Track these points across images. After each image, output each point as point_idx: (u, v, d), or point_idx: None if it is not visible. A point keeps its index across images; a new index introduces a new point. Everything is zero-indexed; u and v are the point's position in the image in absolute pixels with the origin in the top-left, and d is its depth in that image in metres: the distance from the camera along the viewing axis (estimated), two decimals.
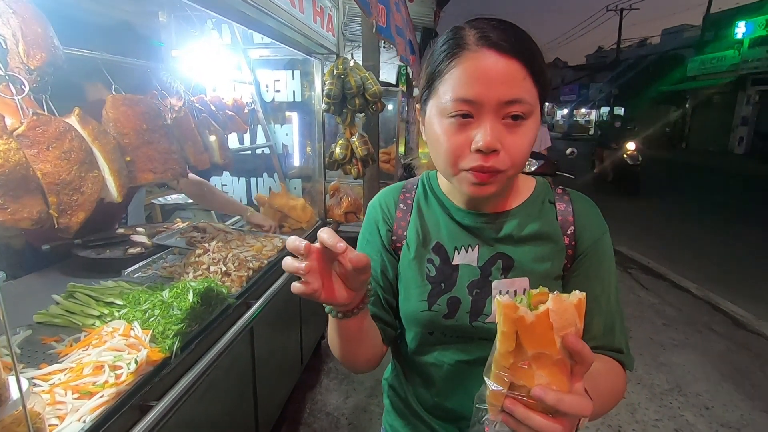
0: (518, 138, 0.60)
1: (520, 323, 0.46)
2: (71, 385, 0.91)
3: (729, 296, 3.79)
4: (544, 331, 0.46)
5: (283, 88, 2.76)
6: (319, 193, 2.70)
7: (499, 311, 0.48)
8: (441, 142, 0.63)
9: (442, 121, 0.63)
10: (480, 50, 0.59)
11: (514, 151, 0.60)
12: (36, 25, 1.05)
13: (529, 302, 0.49)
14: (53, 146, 1.03)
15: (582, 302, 0.48)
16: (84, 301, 1.27)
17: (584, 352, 0.46)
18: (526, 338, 0.46)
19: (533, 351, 0.47)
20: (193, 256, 1.64)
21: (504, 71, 0.58)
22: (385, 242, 0.78)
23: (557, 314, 0.46)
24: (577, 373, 0.48)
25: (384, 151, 5.10)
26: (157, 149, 1.40)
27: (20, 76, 1.02)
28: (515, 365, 0.47)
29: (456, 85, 0.60)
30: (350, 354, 0.71)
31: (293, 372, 2.24)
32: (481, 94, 0.59)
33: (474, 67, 0.59)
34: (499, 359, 0.48)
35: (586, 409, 0.46)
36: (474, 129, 0.60)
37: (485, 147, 0.58)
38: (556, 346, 0.46)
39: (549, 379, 0.47)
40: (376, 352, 0.75)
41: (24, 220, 0.95)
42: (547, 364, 0.47)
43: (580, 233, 0.71)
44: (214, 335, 1.32)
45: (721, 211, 7.24)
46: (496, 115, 0.59)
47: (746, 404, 2.43)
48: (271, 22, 1.67)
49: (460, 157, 0.62)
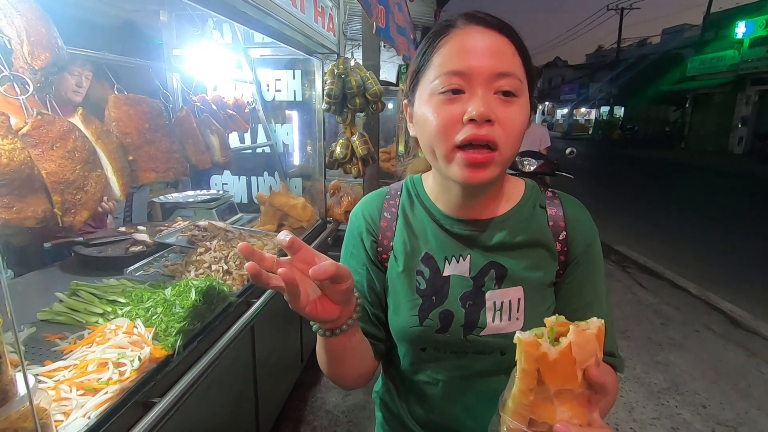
0: (511, 113, 0.58)
1: (543, 360, 0.44)
2: (76, 381, 0.92)
3: (727, 296, 3.81)
4: (568, 366, 0.44)
5: (283, 87, 2.77)
6: (319, 192, 2.72)
7: (520, 349, 0.46)
8: (431, 120, 0.59)
9: (432, 100, 0.60)
10: (468, 26, 0.60)
11: (507, 124, 0.58)
12: (40, 25, 1.06)
13: (552, 337, 0.47)
14: (57, 146, 1.04)
15: (602, 330, 0.46)
16: (87, 299, 1.28)
17: (607, 383, 0.46)
18: (549, 375, 0.45)
19: (556, 387, 0.45)
20: (194, 254, 1.65)
21: (494, 44, 0.58)
22: (371, 254, 0.74)
23: (579, 347, 0.44)
24: (595, 402, 0.47)
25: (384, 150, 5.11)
26: (159, 148, 1.42)
27: (24, 76, 1.03)
28: (536, 402, 0.46)
29: (445, 61, 0.59)
30: (339, 371, 0.68)
31: (293, 370, 2.26)
32: (471, 66, 0.57)
33: (463, 41, 0.59)
34: (519, 397, 0.46)
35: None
36: (466, 102, 0.57)
37: (479, 116, 0.55)
38: (578, 379, 0.45)
39: (570, 413, 0.46)
40: (368, 368, 0.71)
41: (29, 218, 0.96)
42: (568, 398, 0.46)
43: (572, 239, 0.69)
44: (216, 333, 1.33)
45: (720, 211, 7.25)
46: (488, 88, 0.57)
47: (742, 403, 2.44)
48: (272, 21, 1.68)
49: (452, 132, 0.58)
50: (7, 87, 1.00)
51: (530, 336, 0.46)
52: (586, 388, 0.46)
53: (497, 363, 0.67)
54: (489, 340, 0.67)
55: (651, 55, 23.72)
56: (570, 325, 0.46)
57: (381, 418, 0.84)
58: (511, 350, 0.66)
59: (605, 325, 0.48)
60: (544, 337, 0.46)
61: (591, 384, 0.45)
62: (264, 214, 2.41)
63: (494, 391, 0.68)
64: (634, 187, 9.79)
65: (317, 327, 0.60)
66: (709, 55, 17.21)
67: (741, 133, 15.96)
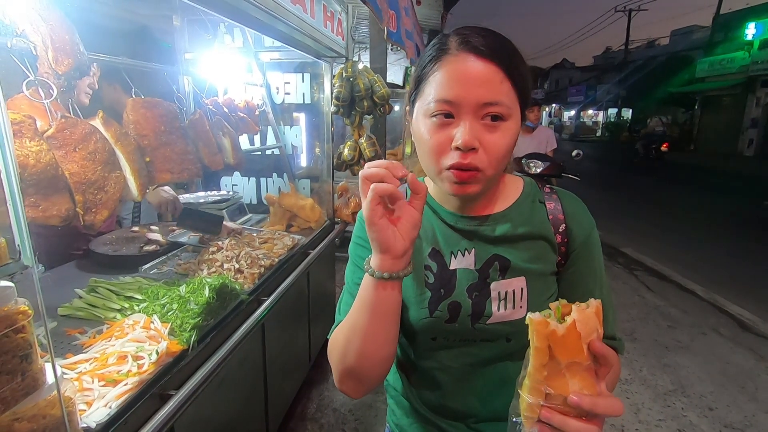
0: (496, 138, 0.63)
1: (553, 337, 0.50)
2: (97, 373, 0.96)
3: (736, 299, 3.79)
4: (574, 340, 0.50)
5: (293, 90, 2.81)
6: (327, 194, 2.75)
7: (532, 328, 0.51)
8: (425, 140, 0.65)
9: (426, 121, 0.65)
10: (460, 54, 0.63)
11: (491, 149, 0.63)
12: (64, 32, 1.10)
13: (559, 316, 0.52)
14: (80, 147, 1.09)
15: (599, 308, 0.52)
16: (105, 295, 1.32)
17: (608, 354, 0.51)
18: (559, 350, 0.50)
19: (566, 361, 0.50)
20: (207, 253, 1.69)
21: (482, 74, 0.62)
22: None
23: (582, 323, 0.50)
24: (602, 374, 0.52)
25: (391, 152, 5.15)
26: (174, 150, 1.46)
27: (49, 80, 1.08)
28: (550, 376, 0.51)
29: (438, 87, 0.63)
30: (375, 340, 0.64)
31: (301, 368, 2.29)
32: (459, 96, 0.62)
33: (454, 69, 0.63)
34: (534, 373, 0.51)
35: (618, 410, 0.50)
36: (454, 128, 0.63)
37: (463, 145, 0.61)
38: (584, 353, 0.50)
39: (581, 385, 0.51)
40: (393, 350, 0.68)
41: (54, 217, 1.00)
42: (578, 371, 0.51)
43: (572, 231, 0.73)
44: (228, 330, 1.37)
45: (729, 213, 7.19)
46: (475, 116, 0.62)
47: (750, 406, 2.44)
48: (282, 26, 1.72)
49: (442, 154, 0.64)
50: (32, 91, 1.05)
51: (540, 316, 0.51)
52: (593, 362, 0.51)
53: (503, 349, 0.72)
54: (495, 328, 0.71)
55: (659, 57, 23.55)
56: (572, 306, 0.52)
57: (393, 404, 0.88)
58: (515, 336, 0.71)
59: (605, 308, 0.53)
60: (551, 317, 0.52)
61: (595, 356, 0.51)
62: (273, 215, 2.45)
63: (501, 376, 0.73)
64: (642, 190, 9.73)
65: (373, 270, 0.61)
66: (718, 56, 17.04)
67: (751, 135, 15.78)
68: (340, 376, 0.69)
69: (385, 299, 0.62)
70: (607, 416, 0.51)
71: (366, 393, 0.70)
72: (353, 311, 0.65)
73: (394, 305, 0.63)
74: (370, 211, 0.57)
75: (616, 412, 0.51)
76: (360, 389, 0.69)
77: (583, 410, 0.50)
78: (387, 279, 0.60)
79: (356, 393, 0.69)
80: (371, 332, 0.63)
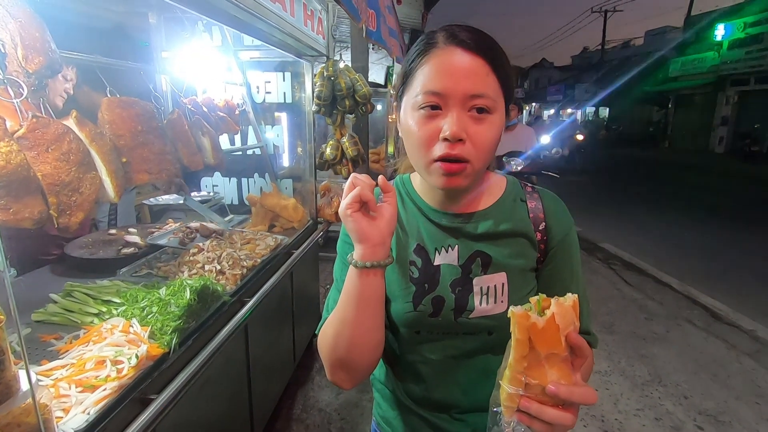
0: (483, 129, 0.64)
1: (533, 329, 0.52)
2: (74, 379, 0.94)
3: (708, 290, 3.93)
4: (553, 333, 0.52)
5: (273, 89, 2.78)
6: (310, 193, 2.74)
7: (514, 321, 0.54)
8: (413, 132, 0.66)
9: (414, 113, 0.67)
10: (448, 47, 0.65)
11: (478, 141, 0.64)
12: (34, 29, 1.07)
13: (539, 309, 0.54)
14: (52, 148, 1.06)
15: (576, 303, 0.54)
16: (82, 300, 1.29)
17: (584, 346, 0.54)
18: (539, 341, 0.53)
19: (545, 352, 0.53)
20: (187, 255, 1.66)
21: (469, 66, 0.63)
22: None
23: (561, 316, 0.53)
24: (577, 365, 0.55)
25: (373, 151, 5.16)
26: (151, 150, 1.43)
27: (19, 79, 1.04)
28: (529, 367, 0.54)
29: (425, 80, 0.65)
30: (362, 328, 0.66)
31: (286, 369, 2.28)
32: (447, 87, 0.63)
33: (441, 62, 0.64)
34: (515, 364, 0.54)
35: (592, 398, 0.53)
36: (442, 119, 0.64)
37: (451, 135, 0.62)
38: (562, 344, 0.53)
39: (558, 375, 0.54)
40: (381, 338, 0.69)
41: (26, 220, 0.97)
42: (556, 362, 0.54)
43: (551, 229, 0.76)
44: (211, 332, 1.36)
45: (702, 208, 7.44)
46: (462, 107, 0.63)
47: (722, 393, 2.53)
48: (262, 25, 1.70)
49: (430, 145, 0.65)
50: (1, 90, 1.02)
51: (522, 309, 0.54)
52: (569, 353, 0.54)
53: (485, 342, 0.74)
54: (477, 322, 0.73)
55: (634, 57, 24.16)
56: (552, 300, 0.54)
57: (379, 397, 0.90)
58: (497, 330, 0.72)
59: (581, 304, 0.56)
60: (532, 311, 0.54)
61: (572, 347, 0.54)
62: (255, 215, 2.43)
63: (483, 368, 0.75)
64: (619, 186, 9.98)
65: (356, 260, 0.64)
66: (690, 56, 17.59)
67: (722, 132, 16.36)
68: (331, 368, 0.70)
69: (369, 286, 0.64)
70: (582, 404, 0.54)
71: (357, 383, 0.72)
72: (340, 303, 0.68)
73: (378, 292, 0.66)
74: (346, 206, 0.62)
75: (590, 401, 0.53)
76: (351, 379, 0.70)
77: (560, 399, 0.52)
78: (369, 267, 0.63)
79: (348, 383, 0.71)
80: (359, 321, 0.66)
